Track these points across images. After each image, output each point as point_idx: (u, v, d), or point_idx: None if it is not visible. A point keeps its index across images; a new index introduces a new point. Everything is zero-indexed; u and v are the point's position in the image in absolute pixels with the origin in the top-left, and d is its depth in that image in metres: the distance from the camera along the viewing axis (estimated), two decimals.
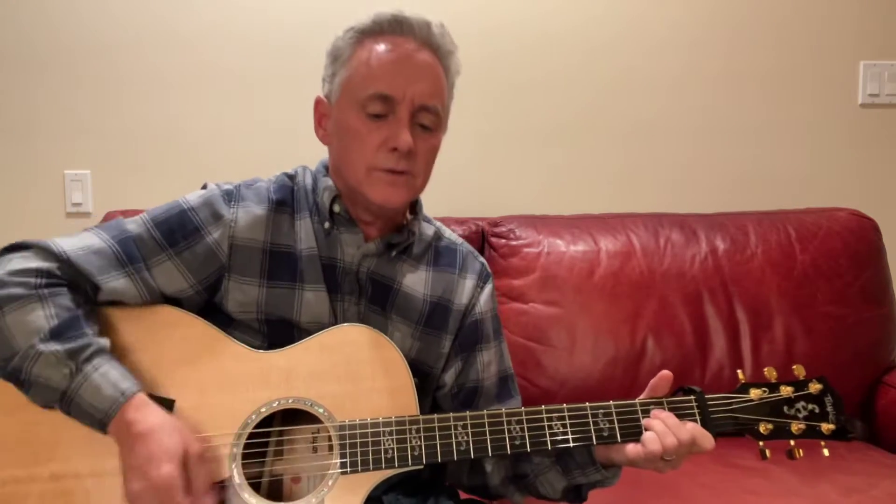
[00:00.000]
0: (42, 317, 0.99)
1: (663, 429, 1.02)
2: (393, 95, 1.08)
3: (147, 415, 0.97)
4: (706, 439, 1.02)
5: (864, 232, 1.97)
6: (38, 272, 1.02)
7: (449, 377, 1.22)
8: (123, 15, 2.11)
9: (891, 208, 2.22)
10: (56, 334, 0.98)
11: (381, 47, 1.10)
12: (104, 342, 1.01)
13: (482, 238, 1.99)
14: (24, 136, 2.12)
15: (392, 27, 1.11)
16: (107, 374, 0.98)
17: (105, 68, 2.12)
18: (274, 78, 2.15)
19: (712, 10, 2.24)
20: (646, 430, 1.03)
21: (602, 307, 1.87)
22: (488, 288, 1.26)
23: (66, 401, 0.98)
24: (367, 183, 1.10)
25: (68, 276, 1.04)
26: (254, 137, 2.16)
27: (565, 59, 2.22)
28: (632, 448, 1.03)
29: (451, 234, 1.28)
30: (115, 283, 1.06)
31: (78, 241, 1.07)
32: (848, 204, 2.05)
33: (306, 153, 1.28)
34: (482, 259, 1.28)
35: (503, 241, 1.96)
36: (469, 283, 1.23)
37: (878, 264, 1.96)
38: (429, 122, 1.12)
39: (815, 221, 1.99)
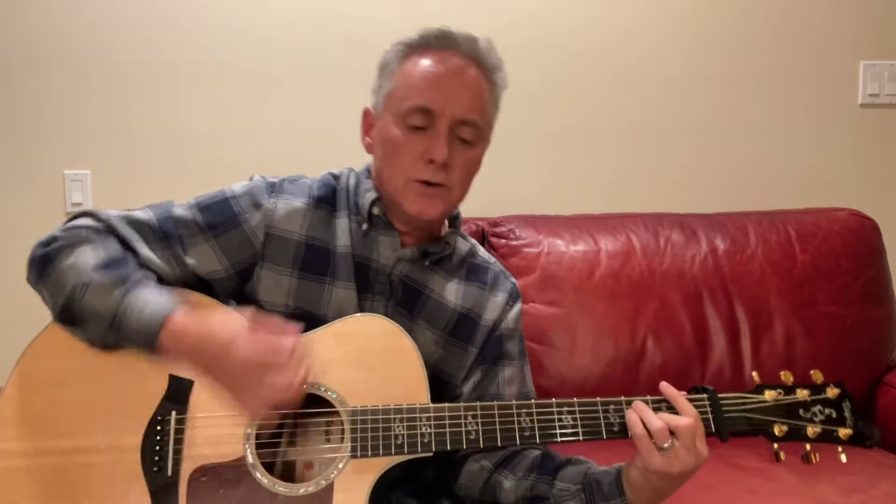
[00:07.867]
0: (91, 255, 1.05)
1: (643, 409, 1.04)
2: (433, 108, 1.11)
3: (198, 318, 1.02)
4: (681, 419, 1.02)
5: (864, 232, 1.97)
6: (87, 227, 1.10)
7: (467, 388, 1.23)
8: (125, 14, 2.11)
9: (891, 208, 2.21)
10: (103, 266, 1.04)
11: (425, 61, 1.13)
12: (150, 273, 1.07)
13: (482, 238, 1.99)
14: (24, 136, 2.11)
15: (439, 42, 1.14)
16: (150, 296, 1.02)
17: (105, 68, 2.11)
18: (275, 78, 2.14)
19: (711, 9, 2.24)
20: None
21: (602, 307, 1.87)
22: (517, 308, 1.27)
23: (115, 326, 1.01)
24: (404, 194, 1.13)
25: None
26: (255, 137, 2.15)
27: (565, 60, 2.21)
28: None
29: (485, 253, 1.31)
30: (149, 252, 1.11)
31: (124, 213, 1.14)
32: (848, 204, 2.05)
33: (307, 152, 1.29)
34: (513, 280, 1.30)
35: (503, 241, 1.96)
36: (499, 299, 1.24)
37: (878, 264, 1.96)
38: (468, 135, 1.14)
39: (815, 221, 1.99)
